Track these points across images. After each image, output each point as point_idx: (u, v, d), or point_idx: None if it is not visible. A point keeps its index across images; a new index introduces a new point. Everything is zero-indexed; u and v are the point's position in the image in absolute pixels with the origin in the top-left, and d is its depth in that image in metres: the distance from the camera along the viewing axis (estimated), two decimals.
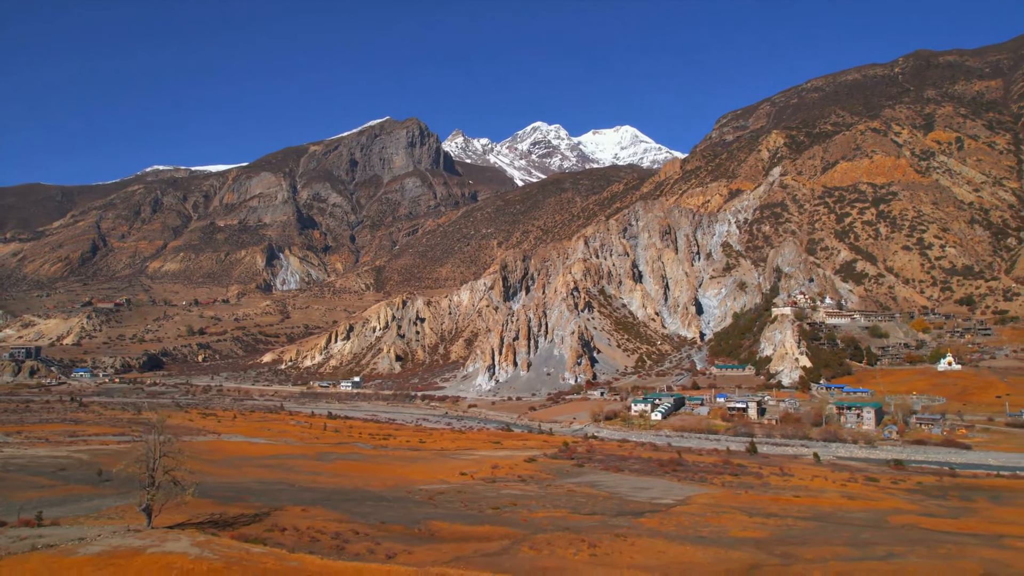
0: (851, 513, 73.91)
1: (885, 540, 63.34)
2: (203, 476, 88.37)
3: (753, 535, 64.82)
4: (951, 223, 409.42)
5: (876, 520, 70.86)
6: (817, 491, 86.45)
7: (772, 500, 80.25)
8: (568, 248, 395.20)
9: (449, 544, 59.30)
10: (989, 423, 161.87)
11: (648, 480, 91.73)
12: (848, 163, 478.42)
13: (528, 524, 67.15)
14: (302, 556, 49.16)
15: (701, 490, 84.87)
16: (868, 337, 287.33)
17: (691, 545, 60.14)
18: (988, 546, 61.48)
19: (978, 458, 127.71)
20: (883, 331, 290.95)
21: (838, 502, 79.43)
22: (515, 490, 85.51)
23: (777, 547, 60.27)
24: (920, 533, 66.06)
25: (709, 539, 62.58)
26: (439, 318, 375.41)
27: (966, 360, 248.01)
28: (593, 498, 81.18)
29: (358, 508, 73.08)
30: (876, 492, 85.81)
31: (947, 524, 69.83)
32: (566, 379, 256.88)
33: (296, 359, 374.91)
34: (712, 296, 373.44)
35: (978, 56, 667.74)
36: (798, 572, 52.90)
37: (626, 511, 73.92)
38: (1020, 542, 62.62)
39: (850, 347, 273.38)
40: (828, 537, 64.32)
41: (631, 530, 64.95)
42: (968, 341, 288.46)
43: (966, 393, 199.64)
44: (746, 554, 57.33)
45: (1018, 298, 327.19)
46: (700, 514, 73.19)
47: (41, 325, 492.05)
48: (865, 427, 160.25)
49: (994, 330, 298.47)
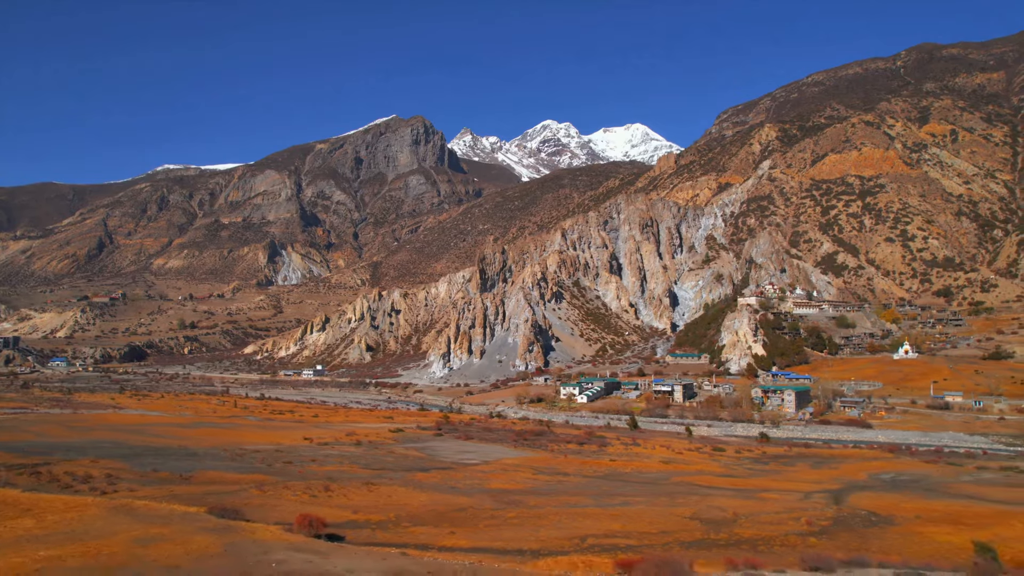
0: (642, 473, 73.75)
1: (639, 492, 62.93)
2: (45, 437, 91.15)
3: (510, 487, 64.86)
4: (937, 215, 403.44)
5: (658, 479, 70.59)
6: (642, 457, 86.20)
7: (582, 463, 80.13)
8: (546, 240, 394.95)
9: (191, 486, 60.36)
10: (911, 405, 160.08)
11: (483, 446, 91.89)
12: (837, 155, 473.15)
13: (302, 475, 67.82)
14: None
15: (521, 454, 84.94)
16: (835, 327, 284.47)
17: (434, 493, 60.37)
18: (737, 497, 60.97)
19: (871, 435, 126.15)
20: (850, 321, 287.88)
21: (647, 465, 79.15)
22: (337, 451, 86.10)
23: (517, 496, 60.30)
24: (684, 488, 65.64)
25: (460, 490, 62.75)
26: (415, 310, 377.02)
27: (925, 349, 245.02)
28: (405, 458, 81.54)
29: (154, 461, 73.99)
30: (700, 458, 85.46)
31: (726, 482, 69.37)
32: (516, 366, 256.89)
33: (272, 350, 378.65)
34: (689, 288, 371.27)
35: (983, 49, 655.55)
36: (514, 513, 53.23)
37: (416, 468, 74.19)
38: (771, 494, 61.96)
39: (813, 336, 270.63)
40: (583, 489, 64.13)
41: (393, 481, 65.21)
42: (939, 331, 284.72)
43: (908, 379, 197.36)
44: (472, 500, 57.55)
45: (995, 289, 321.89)
46: (489, 471, 73.20)
47: (36, 319, 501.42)
48: (786, 409, 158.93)
49: (967, 321, 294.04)
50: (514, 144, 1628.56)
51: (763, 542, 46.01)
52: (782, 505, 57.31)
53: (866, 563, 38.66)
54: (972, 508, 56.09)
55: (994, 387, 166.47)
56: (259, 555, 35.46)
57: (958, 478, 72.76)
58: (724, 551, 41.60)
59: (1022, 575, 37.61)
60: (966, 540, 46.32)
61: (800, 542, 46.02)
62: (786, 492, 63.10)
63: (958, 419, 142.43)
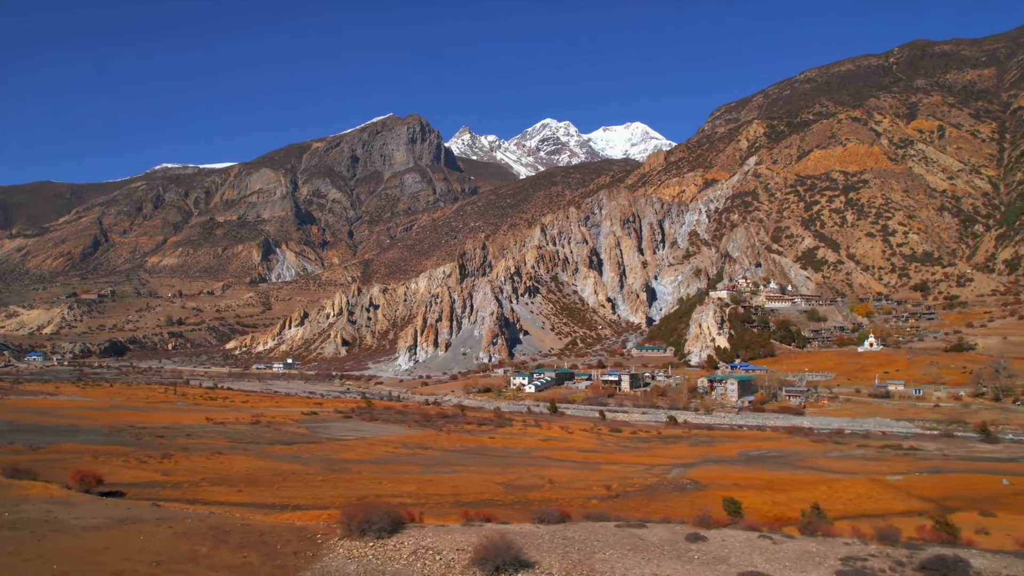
0: (508, 448, 74.49)
1: (483, 464, 63.15)
2: None
3: (357, 457, 65.20)
4: (919, 210, 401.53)
5: (517, 453, 71.41)
6: (527, 436, 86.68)
7: (460, 439, 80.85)
8: (526, 236, 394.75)
9: (32, 455, 60.95)
10: (855, 394, 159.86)
11: (379, 426, 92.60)
12: (822, 151, 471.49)
13: (160, 447, 68.25)
14: None
15: (406, 432, 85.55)
16: (806, 321, 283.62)
17: (271, 461, 60.76)
18: (576, 469, 61.11)
19: (798, 421, 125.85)
20: (821, 315, 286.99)
21: (519, 442, 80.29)
22: (225, 429, 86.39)
23: (354, 464, 60.72)
24: (532, 460, 66.04)
25: (303, 459, 63.24)
26: (394, 305, 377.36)
27: (891, 342, 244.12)
28: (286, 435, 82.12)
29: (23, 436, 74.40)
30: (585, 437, 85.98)
31: (582, 456, 69.77)
32: (480, 359, 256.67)
33: (251, 345, 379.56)
34: (668, 283, 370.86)
35: (976, 45, 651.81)
36: (326, 479, 53.70)
37: (282, 441, 74.63)
38: (613, 467, 62.14)
39: (782, 330, 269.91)
40: (428, 461, 64.41)
41: (245, 452, 65.52)
42: (911, 325, 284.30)
43: (863, 370, 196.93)
44: (304, 467, 58.04)
45: (971, 284, 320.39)
46: (353, 445, 73.67)
47: (24, 315, 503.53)
48: (729, 397, 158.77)
49: (940, 315, 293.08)
50: (513, 143, 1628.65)
51: (550, 503, 46.09)
52: (610, 475, 57.34)
53: (606, 518, 38.72)
54: (798, 477, 56.15)
55: (937, 376, 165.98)
56: (9, 507, 35.94)
57: (826, 454, 72.88)
58: (485, 510, 41.78)
59: (757, 523, 37.75)
60: (758, 502, 46.41)
61: (585, 504, 46.12)
62: (631, 465, 63.24)
63: (895, 406, 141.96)
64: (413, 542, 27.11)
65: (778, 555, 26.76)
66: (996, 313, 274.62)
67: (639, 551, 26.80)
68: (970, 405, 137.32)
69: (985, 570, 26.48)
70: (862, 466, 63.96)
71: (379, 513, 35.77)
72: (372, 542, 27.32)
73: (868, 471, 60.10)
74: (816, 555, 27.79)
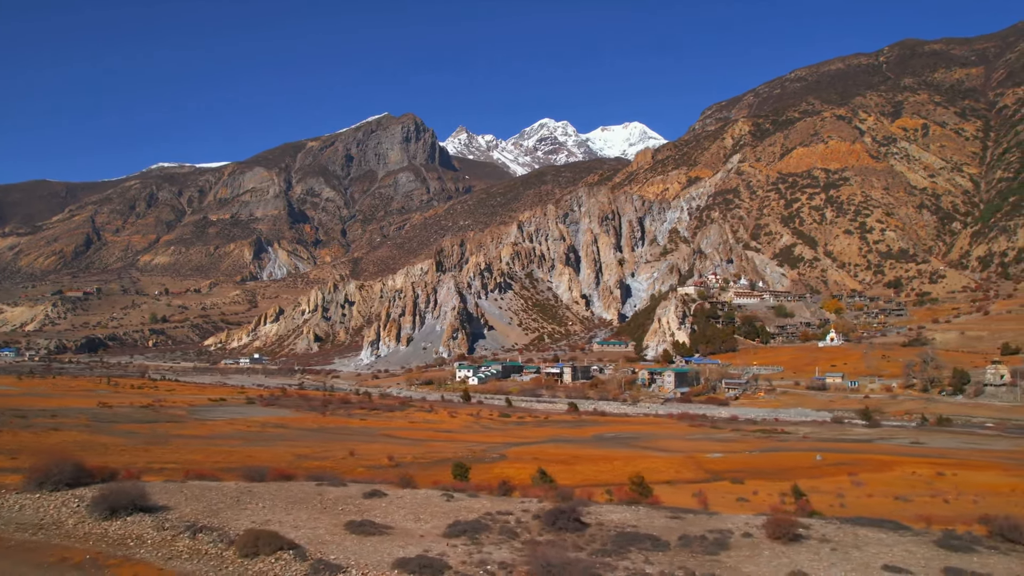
0: (369, 429, 74.81)
1: (325, 439, 63.53)
2: None
3: (198, 434, 65.27)
4: (898, 208, 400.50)
5: (373, 432, 71.02)
6: (409, 419, 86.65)
7: (334, 421, 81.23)
8: (503, 233, 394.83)
9: None
10: (793, 386, 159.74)
11: (269, 410, 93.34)
12: (804, 149, 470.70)
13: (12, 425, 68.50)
14: None
15: (285, 415, 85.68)
16: (773, 316, 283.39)
17: (97, 435, 60.82)
18: (405, 445, 61.19)
19: (716, 411, 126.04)
20: (788, 311, 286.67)
21: (391, 423, 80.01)
22: (111, 412, 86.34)
23: (187, 440, 60.67)
24: (373, 438, 65.85)
25: (142, 435, 63.18)
26: (369, 302, 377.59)
27: (853, 337, 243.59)
28: (165, 416, 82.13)
29: None
30: (466, 421, 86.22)
31: (432, 435, 69.64)
32: (439, 353, 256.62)
33: (226, 341, 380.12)
34: (643, 280, 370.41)
35: (966, 45, 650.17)
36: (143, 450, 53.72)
37: (141, 420, 74.70)
38: (448, 445, 62.03)
39: (747, 325, 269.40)
40: (268, 437, 64.52)
41: (83, 430, 65.58)
42: (880, 321, 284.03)
43: (813, 363, 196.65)
44: (124, 440, 57.96)
45: (943, 280, 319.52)
46: (214, 425, 73.70)
47: (8, 312, 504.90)
48: (666, 389, 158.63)
49: (910, 311, 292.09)
50: (510, 143, 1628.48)
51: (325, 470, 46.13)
52: (429, 450, 57.27)
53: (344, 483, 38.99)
54: (619, 453, 56.45)
55: (878, 369, 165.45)
56: None
57: (685, 436, 73.05)
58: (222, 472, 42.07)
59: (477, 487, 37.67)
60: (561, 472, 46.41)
61: (365, 472, 46.23)
62: (469, 444, 63.52)
63: (826, 398, 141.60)
64: (86, 493, 27.19)
65: (425, 509, 26.78)
66: (964, 309, 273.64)
67: (296, 502, 27.02)
68: (898, 396, 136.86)
69: (602, 517, 26.73)
70: (703, 446, 63.80)
71: (66, 466, 35.86)
72: (40, 494, 27.52)
73: (698, 450, 59.99)
74: (466, 509, 28.01)
